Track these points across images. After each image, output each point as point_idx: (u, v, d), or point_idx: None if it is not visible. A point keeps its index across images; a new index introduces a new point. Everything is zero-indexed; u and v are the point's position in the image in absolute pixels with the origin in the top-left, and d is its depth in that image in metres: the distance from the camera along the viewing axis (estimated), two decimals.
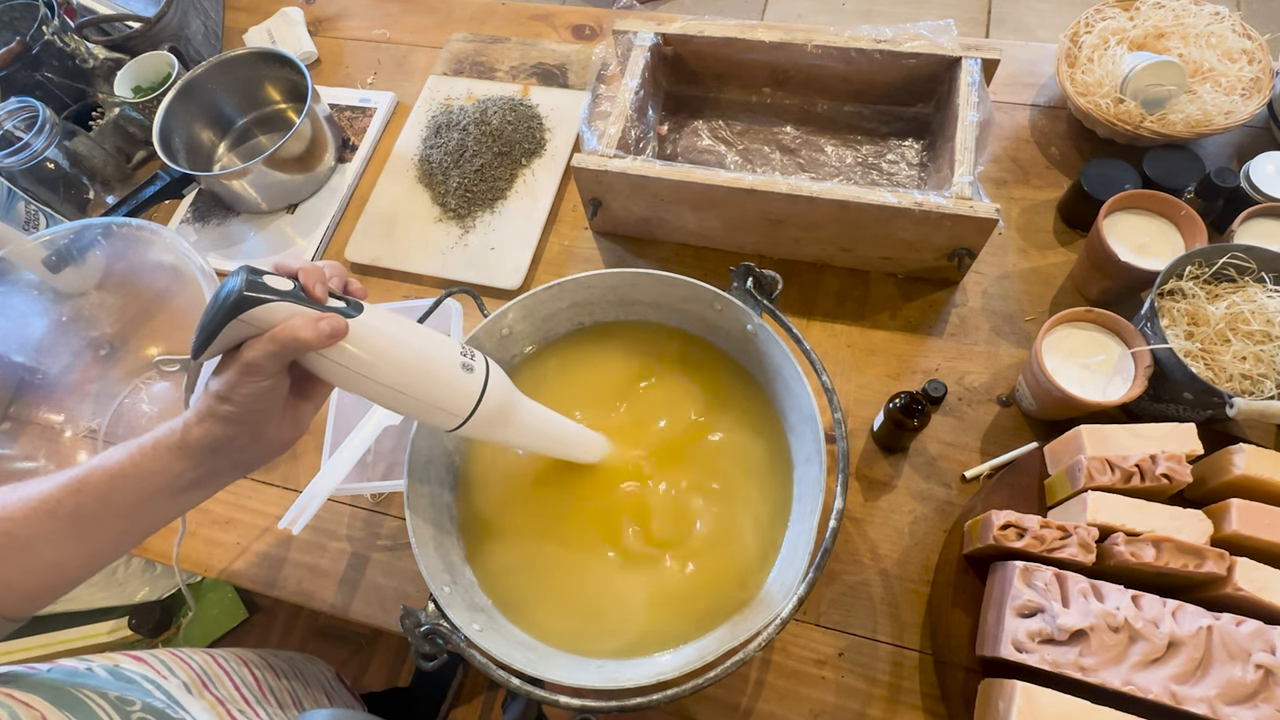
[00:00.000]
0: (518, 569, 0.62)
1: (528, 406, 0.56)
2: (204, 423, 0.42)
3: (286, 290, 0.41)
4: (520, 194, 0.93)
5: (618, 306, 0.69)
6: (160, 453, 0.42)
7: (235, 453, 0.43)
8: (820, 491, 0.55)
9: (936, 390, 0.63)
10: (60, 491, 0.42)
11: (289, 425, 0.46)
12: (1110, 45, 0.85)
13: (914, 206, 0.70)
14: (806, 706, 0.64)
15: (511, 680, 0.50)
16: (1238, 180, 0.73)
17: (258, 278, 0.41)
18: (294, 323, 0.40)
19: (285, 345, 0.40)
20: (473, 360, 0.49)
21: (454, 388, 0.48)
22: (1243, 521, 0.56)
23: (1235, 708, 0.49)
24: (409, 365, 0.46)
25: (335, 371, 0.44)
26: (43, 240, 0.80)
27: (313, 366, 0.44)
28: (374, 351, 0.44)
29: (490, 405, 0.50)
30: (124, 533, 0.45)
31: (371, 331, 0.44)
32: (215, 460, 0.43)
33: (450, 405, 0.48)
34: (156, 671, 0.55)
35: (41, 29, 0.95)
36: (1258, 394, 0.61)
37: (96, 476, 0.42)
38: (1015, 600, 0.55)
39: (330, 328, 0.41)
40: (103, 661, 0.52)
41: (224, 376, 0.41)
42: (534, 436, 0.57)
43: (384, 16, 1.15)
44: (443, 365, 0.48)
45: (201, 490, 0.45)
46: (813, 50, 0.84)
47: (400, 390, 0.46)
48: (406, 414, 0.49)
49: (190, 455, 0.42)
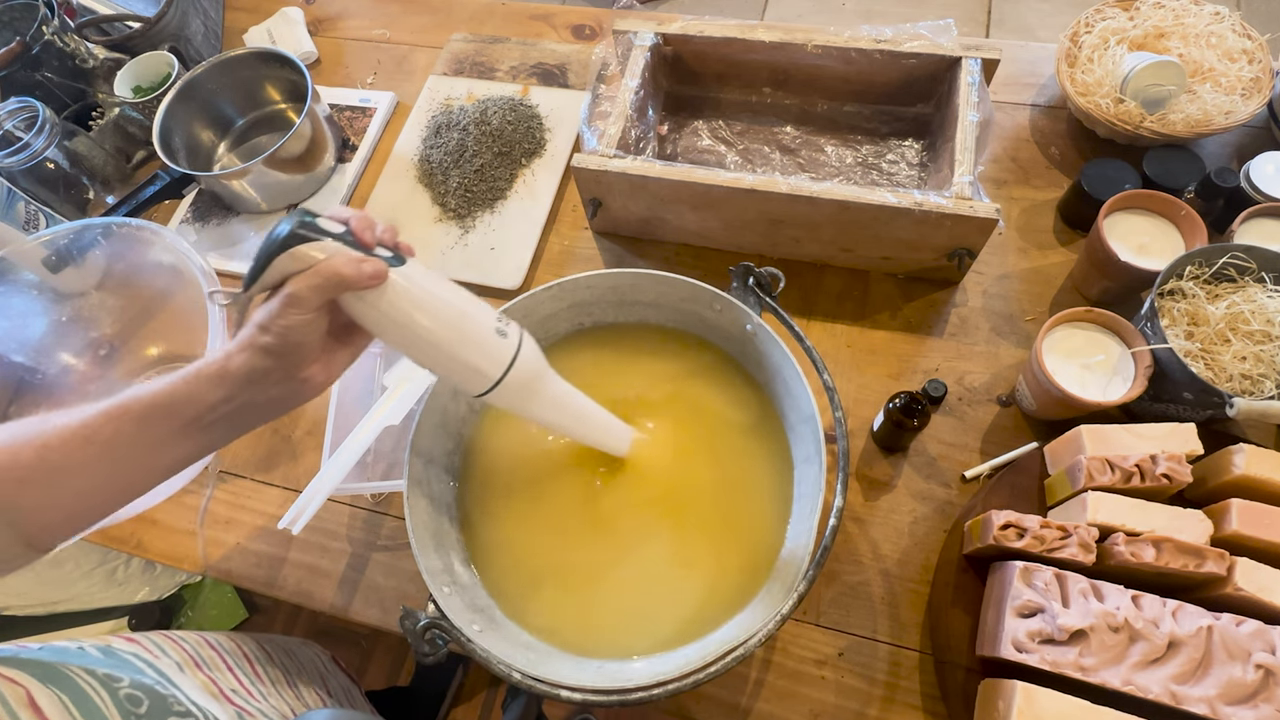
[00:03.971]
0: (518, 569, 0.62)
1: (558, 383, 0.56)
2: (244, 352, 0.43)
3: (336, 232, 0.43)
4: (520, 194, 0.93)
5: (617, 307, 0.69)
6: (200, 381, 0.43)
7: (270, 386, 0.44)
8: (820, 491, 0.55)
9: (936, 390, 0.63)
10: (99, 419, 0.42)
11: (322, 368, 0.46)
12: (1110, 45, 0.85)
13: (914, 206, 0.70)
14: (806, 706, 0.64)
15: (513, 675, 0.50)
16: (1238, 180, 0.73)
17: (311, 218, 0.43)
18: (337, 260, 0.42)
19: (327, 280, 0.42)
20: (507, 328, 0.50)
21: (487, 349, 0.49)
22: (1243, 521, 0.56)
23: (1235, 708, 0.49)
24: (446, 319, 0.47)
25: (373, 317, 0.45)
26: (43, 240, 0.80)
27: (352, 309, 0.45)
28: (413, 301, 0.45)
29: (521, 373, 0.50)
30: (155, 465, 0.45)
31: (413, 282, 0.45)
32: (251, 392, 0.44)
33: (481, 366, 0.49)
34: (149, 651, 0.55)
35: (41, 29, 0.95)
36: (1258, 394, 0.61)
37: (137, 404, 0.42)
38: (1015, 600, 0.55)
39: (373, 269, 0.43)
40: (95, 641, 0.52)
41: (267, 306, 0.43)
42: (562, 413, 0.57)
43: (384, 16, 1.15)
44: (478, 325, 0.49)
45: (233, 426, 0.46)
46: (813, 50, 0.84)
47: (433, 344, 0.47)
48: (436, 370, 0.50)
49: (228, 384, 0.43)
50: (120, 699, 0.45)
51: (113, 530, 0.79)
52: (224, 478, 0.81)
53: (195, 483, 0.81)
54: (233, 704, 0.56)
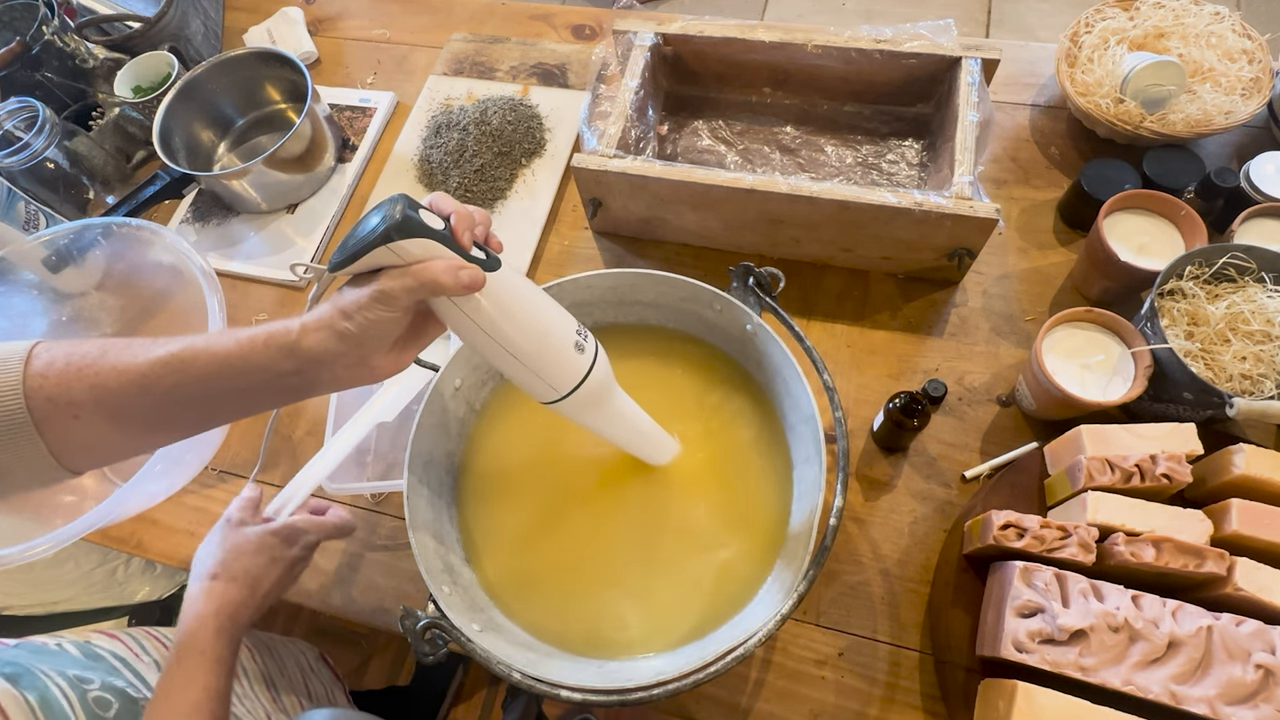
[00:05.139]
0: (518, 569, 0.62)
1: (621, 397, 0.56)
2: (321, 331, 0.42)
3: (437, 230, 0.42)
4: (520, 194, 0.93)
5: (617, 307, 0.69)
6: (271, 349, 0.42)
7: (340, 369, 0.44)
8: (820, 491, 0.55)
9: (936, 390, 0.63)
10: (161, 368, 0.41)
11: (393, 359, 0.46)
12: (1110, 45, 0.85)
13: (914, 206, 0.70)
14: (806, 706, 0.64)
15: (513, 675, 0.50)
16: (1238, 180, 0.73)
17: (414, 212, 0.41)
18: (437, 265, 0.41)
19: (424, 284, 0.41)
20: (585, 341, 0.50)
21: (563, 363, 0.48)
22: (1243, 521, 0.56)
23: (1235, 708, 0.49)
24: (530, 331, 0.47)
25: (459, 320, 0.45)
26: (43, 240, 0.80)
27: (438, 309, 0.45)
28: (501, 310, 0.45)
29: (590, 388, 0.50)
30: (208, 418, 0.45)
31: (504, 290, 0.45)
32: (318, 370, 0.43)
33: (555, 379, 0.49)
34: (129, 649, 0.55)
35: (41, 29, 0.95)
36: (1258, 394, 0.61)
37: (202, 359, 0.42)
38: (1015, 600, 0.55)
39: (470, 278, 0.42)
40: (73, 638, 0.52)
41: (356, 295, 0.42)
42: (619, 426, 0.57)
43: (384, 16, 1.15)
44: (559, 339, 0.48)
45: (294, 395, 0.45)
46: (813, 50, 0.84)
47: (513, 354, 0.47)
48: (509, 375, 0.49)
49: (299, 358, 0.42)
50: (89, 702, 0.45)
51: (113, 530, 0.79)
52: (224, 477, 0.81)
53: (195, 483, 0.81)
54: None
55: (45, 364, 0.40)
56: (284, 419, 0.83)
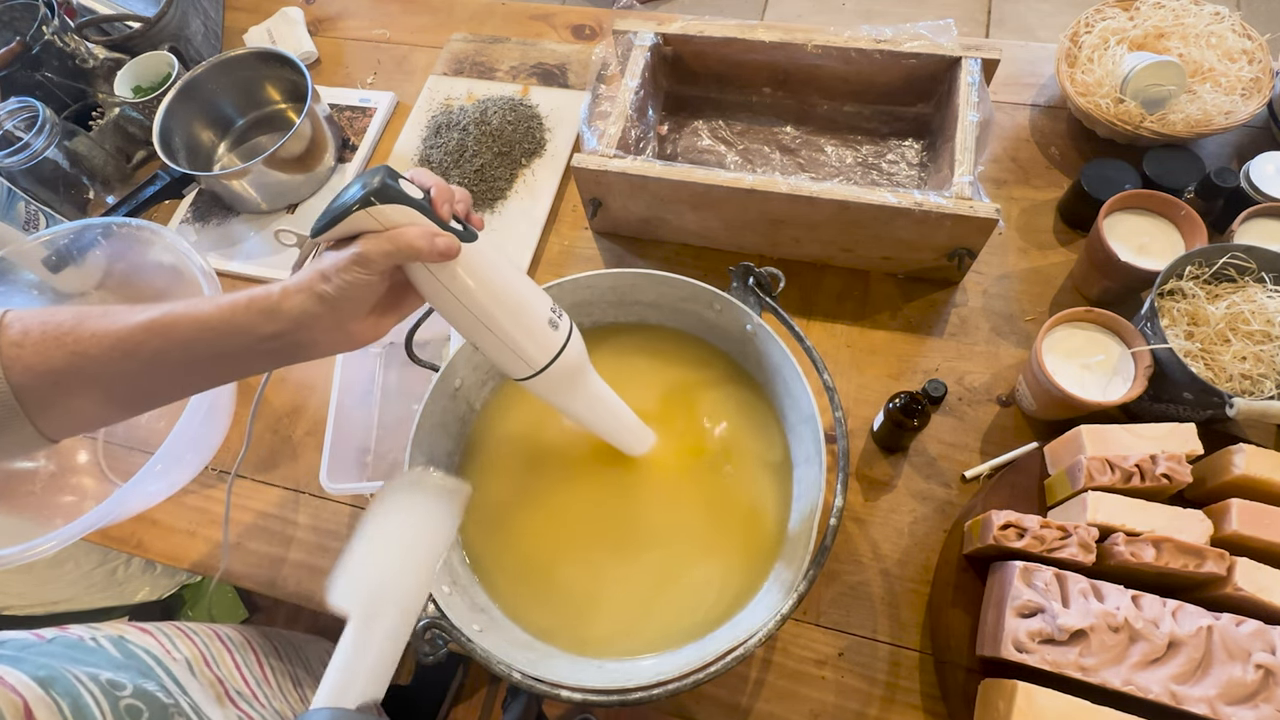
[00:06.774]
0: (518, 568, 0.62)
1: (596, 380, 0.57)
2: (301, 294, 0.43)
3: (416, 199, 0.43)
4: (520, 194, 0.93)
5: (617, 307, 0.69)
6: (252, 312, 0.43)
7: (318, 332, 0.44)
8: (820, 491, 0.55)
9: (936, 390, 0.63)
10: (143, 333, 0.41)
11: (370, 325, 0.47)
12: (1110, 45, 0.85)
13: (914, 206, 0.70)
14: (806, 706, 0.64)
15: (513, 675, 0.50)
16: (1238, 180, 0.73)
17: (394, 180, 0.43)
18: (413, 230, 0.42)
19: (400, 248, 0.42)
20: (560, 319, 0.51)
21: (537, 337, 0.49)
22: (1243, 521, 0.56)
23: (1235, 708, 0.49)
24: (503, 302, 0.47)
25: (434, 289, 0.46)
26: (43, 240, 0.80)
27: (415, 278, 0.45)
28: (476, 280, 0.46)
29: (564, 365, 0.51)
30: (190, 384, 0.45)
31: (480, 262, 0.46)
32: (298, 333, 0.44)
33: (528, 353, 0.49)
34: (162, 646, 0.55)
35: (41, 29, 0.95)
36: (1258, 394, 0.61)
37: (184, 323, 0.42)
38: (1015, 600, 0.55)
39: (445, 245, 0.43)
40: (109, 632, 0.52)
41: (335, 258, 0.43)
42: (593, 409, 0.58)
43: (384, 16, 1.15)
44: (534, 313, 0.49)
45: (275, 359, 0.46)
46: (813, 50, 0.84)
47: (487, 325, 0.47)
48: (483, 348, 0.50)
49: (279, 320, 0.43)
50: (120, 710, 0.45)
51: (113, 530, 0.79)
52: (223, 477, 0.81)
53: (195, 483, 0.81)
54: (237, 708, 0.56)
55: (20, 332, 0.40)
56: (284, 419, 0.83)
